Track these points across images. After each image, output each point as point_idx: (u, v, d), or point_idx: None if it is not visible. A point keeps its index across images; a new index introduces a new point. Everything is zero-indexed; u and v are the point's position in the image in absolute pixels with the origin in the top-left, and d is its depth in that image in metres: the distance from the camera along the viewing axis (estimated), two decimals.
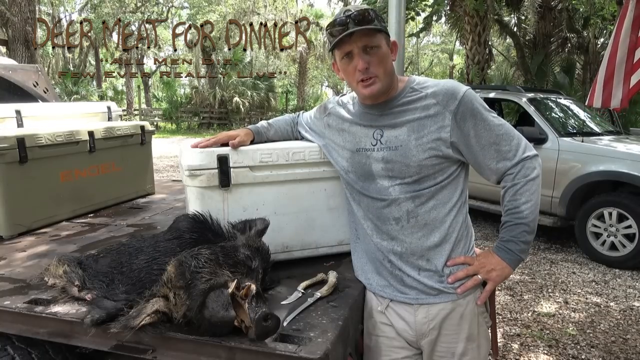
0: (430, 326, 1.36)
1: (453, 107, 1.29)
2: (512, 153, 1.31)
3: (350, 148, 1.43)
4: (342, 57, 1.33)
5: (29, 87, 3.56)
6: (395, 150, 1.33)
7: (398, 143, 1.33)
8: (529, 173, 1.31)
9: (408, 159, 1.31)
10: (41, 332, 1.28)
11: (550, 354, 2.98)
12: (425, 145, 1.30)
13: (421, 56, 31.68)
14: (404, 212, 1.34)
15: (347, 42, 1.29)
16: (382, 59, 1.30)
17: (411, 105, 1.34)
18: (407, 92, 1.36)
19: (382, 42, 1.31)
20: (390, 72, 1.33)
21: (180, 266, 1.16)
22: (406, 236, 1.35)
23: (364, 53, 1.28)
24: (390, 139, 1.34)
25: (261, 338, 1.08)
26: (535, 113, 5.29)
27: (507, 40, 15.48)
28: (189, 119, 23.10)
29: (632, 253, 4.37)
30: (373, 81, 1.30)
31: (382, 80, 1.31)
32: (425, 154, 1.30)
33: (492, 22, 11.26)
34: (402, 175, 1.33)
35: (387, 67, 1.32)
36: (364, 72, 1.29)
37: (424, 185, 1.33)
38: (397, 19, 2.62)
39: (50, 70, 22.11)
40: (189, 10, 25.12)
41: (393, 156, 1.33)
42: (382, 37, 1.31)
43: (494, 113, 1.34)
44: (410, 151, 1.31)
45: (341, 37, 1.27)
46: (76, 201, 2.38)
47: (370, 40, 1.28)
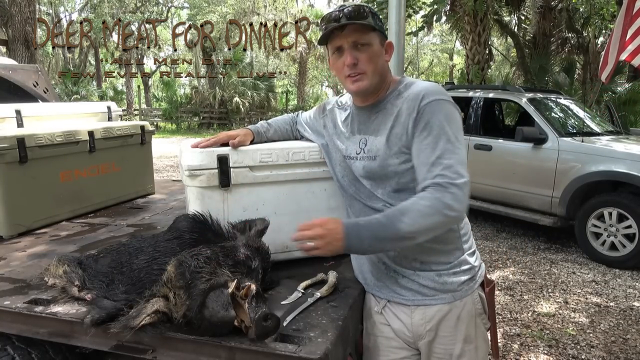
0: (427, 327, 1.35)
1: (415, 112, 1.25)
2: (431, 177, 1.19)
3: (341, 155, 1.44)
4: (333, 52, 1.32)
5: (29, 87, 3.56)
6: (374, 160, 1.33)
7: (376, 153, 1.32)
8: (435, 197, 1.16)
9: (385, 168, 1.30)
10: (41, 332, 1.28)
11: (550, 354, 2.98)
12: (398, 154, 1.28)
13: (421, 56, 31.67)
14: None
15: (338, 36, 1.28)
16: (372, 57, 1.29)
17: (393, 109, 1.32)
18: (394, 94, 1.34)
19: (375, 40, 1.30)
20: (380, 71, 1.31)
21: (180, 266, 1.16)
22: None
23: (354, 49, 1.28)
24: (371, 148, 1.34)
25: (261, 338, 1.08)
26: (535, 113, 5.29)
27: (507, 40, 15.48)
28: (189, 119, 23.09)
29: (632, 253, 4.37)
30: (360, 77, 1.29)
31: (370, 78, 1.30)
32: (399, 162, 1.28)
33: (492, 22, 11.26)
34: (384, 184, 1.33)
35: (377, 65, 1.30)
36: (352, 67, 1.28)
37: (406, 193, 1.29)
38: (397, 19, 2.62)
39: (50, 70, 22.09)
40: (189, 11, 25.10)
41: (372, 165, 1.33)
42: (375, 35, 1.30)
43: (452, 135, 1.21)
44: (386, 161, 1.30)
45: (332, 31, 1.27)
46: (76, 201, 2.38)
47: (361, 37, 1.27)
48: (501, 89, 6.30)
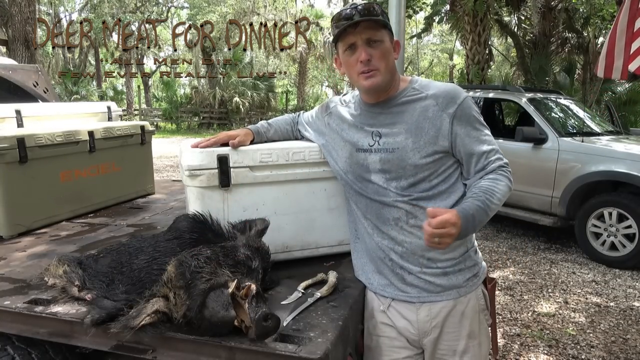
0: (432, 324, 1.36)
1: (452, 110, 1.30)
2: (492, 162, 1.34)
3: (349, 148, 1.43)
4: (345, 50, 1.33)
5: (29, 87, 3.56)
6: (392, 153, 1.33)
7: (395, 145, 1.33)
8: (505, 176, 1.34)
9: (404, 161, 1.32)
10: (41, 332, 1.28)
11: (550, 354, 2.98)
12: (422, 148, 1.31)
13: (421, 56, 31.68)
14: (403, 212, 1.35)
15: (351, 33, 1.30)
16: (384, 54, 1.31)
17: (410, 105, 1.35)
18: (409, 91, 1.37)
19: (386, 37, 1.32)
20: (391, 68, 1.34)
21: (180, 266, 1.16)
22: (406, 236, 1.35)
23: (367, 46, 1.29)
24: (388, 141, 1.35)
25: (261, 338, 1.08)
26: (535, 113, 5.29)
27: (507, 40, 15.48)
28: (189, 119, 23.10)
29: (632, 253, 4.37)
30: (374, 74, 1.31)
31: (383, 75, 1.31)
32: (421, 156, 1.31)
33: (492, 22, 11.26)
34: (399, 177, 1.34)
35: (389, 62, 1.33)
36: (366, 63, 1.29)
37: (421, 187, 1.33)
38: (397, 19, 2.63)
39: (50, 70, 22.08)
40: (189, 10, 25.10)
41: (390, 158, 1.34)
42: (386, 32, 1.32)
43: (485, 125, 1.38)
44: (407, 154, 1.32)
45: (345, 28, 1.29)
46: (76, 201, 2.38)
47: (374, 34, 1.29)
48: (501, 89, 6.29)
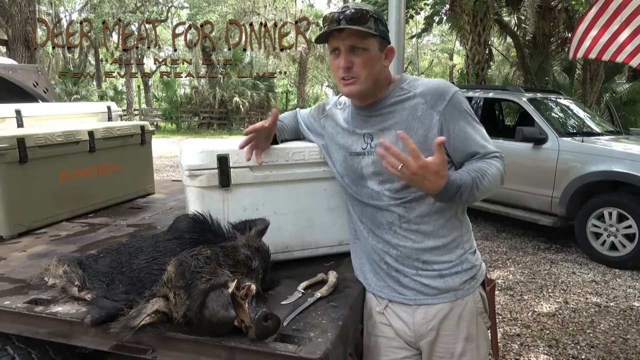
0: (429, 327, 1.35)
1: (441, 107, 1.29)
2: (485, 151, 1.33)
3: (344, 153, 1.43)
4: (331, 52, 1.33)
5: (29, 87, 3.56)
6: None
7: None
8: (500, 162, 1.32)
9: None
10: (41, 332, 1.28)
11: (550, 354, 2.98)
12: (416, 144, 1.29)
13: (421, 56, 31.68)
14: (396, 216, 1.34)
15: (336, 37, 1.28)
16: (367, 62, 1.28)
17: (399, 105, 1.33)
18: (397, 92, 1.35)
19: (373, 45, 1.28)
20: (374, 76, 1.31)
21: (180, 266, 1.16)
22: (400, 240, 1.34)
23: (350, 52, 1.28)
24: (379, 143, 1.33)
25: (261, 338, 1.08)
26: (535, 113, 5.29)
27: (507, 40, 15.47)
28: (189, 119, 23.10)
29: (632, 253, 4.37)
30: (353, 81, 1.29)
31: (363, 84, 1.30)
32: None
33: (492, 22, 11.24)
34: (392, 179, 1.32)
35: (372, 71, 1.30)
36: (346, 70, 1.28)
37: (413, 189, 1.30)
38: (397, 19, 2.63)
39: (50, 70, 22.10)
40: (189, 10, 25.10)
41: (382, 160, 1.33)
42: (374, 41, 1.29)
43: (476, 118, 1.36)
44: None
45: (330, 32, 1.27)
46: (76, 201, 2.38)
47: (358, 41, 1.27)
48: (501, 89, 6.30)
